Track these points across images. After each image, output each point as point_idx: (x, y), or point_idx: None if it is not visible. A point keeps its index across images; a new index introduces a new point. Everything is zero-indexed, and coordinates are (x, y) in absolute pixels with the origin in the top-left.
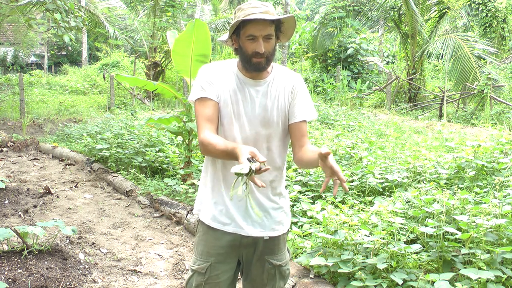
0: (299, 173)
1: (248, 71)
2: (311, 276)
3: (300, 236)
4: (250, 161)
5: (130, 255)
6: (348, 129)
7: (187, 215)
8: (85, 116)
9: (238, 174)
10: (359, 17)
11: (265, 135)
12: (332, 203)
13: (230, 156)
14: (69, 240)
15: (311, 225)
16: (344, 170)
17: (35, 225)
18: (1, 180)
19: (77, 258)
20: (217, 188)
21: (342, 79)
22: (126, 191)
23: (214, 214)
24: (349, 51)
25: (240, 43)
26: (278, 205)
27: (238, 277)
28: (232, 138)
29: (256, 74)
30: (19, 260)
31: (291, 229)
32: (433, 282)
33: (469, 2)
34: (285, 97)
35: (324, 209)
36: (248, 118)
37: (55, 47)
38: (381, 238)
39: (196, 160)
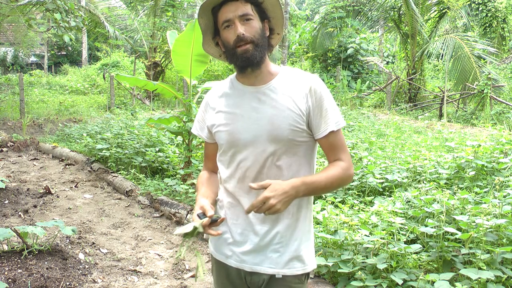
0: None
1: (242, 72)
2: (311, 276)
3: None
4: (200, 217)
5: (130, 255)
6: (348, 129)
7: (187, 215)
8: (85, 116)
9: (184, 235)
10: (359, 17)
11: (272, 152)
12: (332, 203)
13: None
14: (69, 240)
15: None
16: None
17: (35, 225)
18: (1, 180)
19: (77, 258)
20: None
21: (342, 79)
22: (126, 191)
23: (216, 243)
24: (349, 51)
25: (223, 40)
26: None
27: None
28: (237, 164)
29: (255, 76)
30: (19, 260)
31: None
32: (433, 282)
33: (469, 2)
34: (298, 103)
35: (324, 209)
36: (251, 134)
37: (55, 47)
38: (381, 238)
39: (196, 160)
